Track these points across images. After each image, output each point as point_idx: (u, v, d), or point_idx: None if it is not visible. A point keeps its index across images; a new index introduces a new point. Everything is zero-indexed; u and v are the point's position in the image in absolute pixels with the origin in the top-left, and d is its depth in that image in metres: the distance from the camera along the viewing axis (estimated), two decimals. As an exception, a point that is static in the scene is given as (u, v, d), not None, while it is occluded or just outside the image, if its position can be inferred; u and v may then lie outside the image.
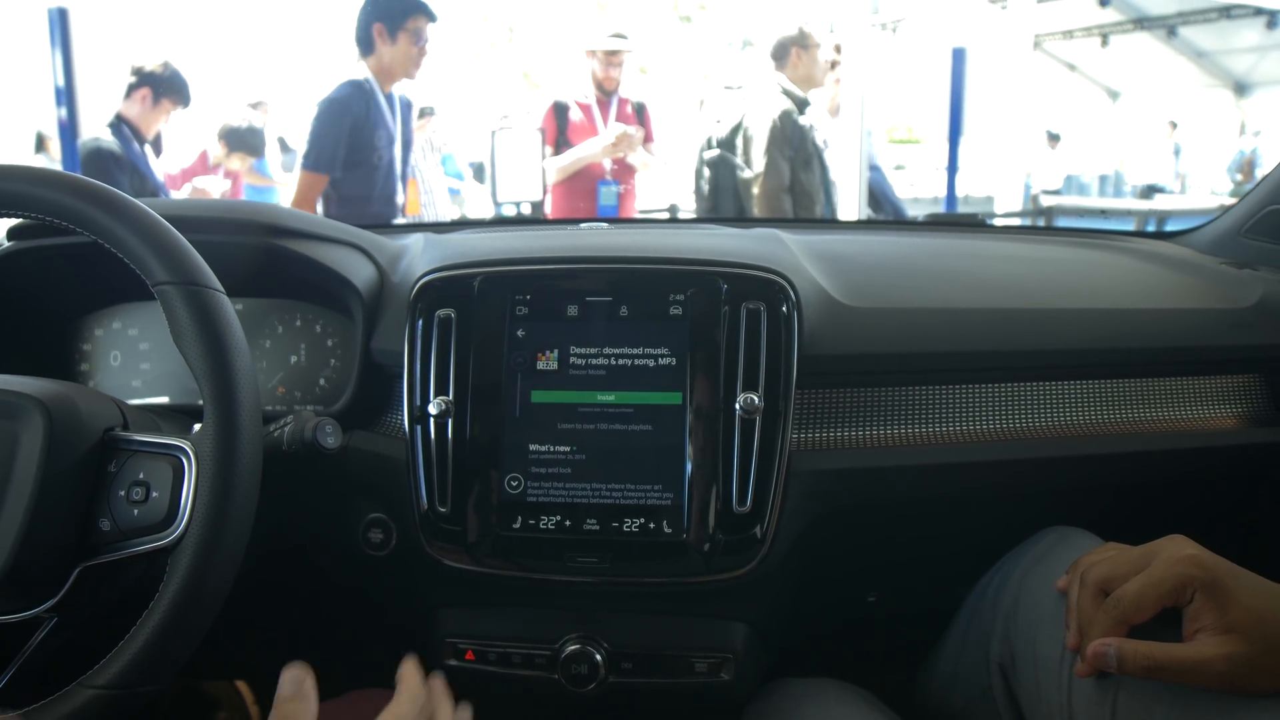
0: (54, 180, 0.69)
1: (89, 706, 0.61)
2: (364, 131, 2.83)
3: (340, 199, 2.89)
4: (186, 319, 0.67)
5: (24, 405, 0.66)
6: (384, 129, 2.89)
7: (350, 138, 2.81)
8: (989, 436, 0.95)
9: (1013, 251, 1.22)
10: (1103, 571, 0.73)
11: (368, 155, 2.86)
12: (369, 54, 2.83)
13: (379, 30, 2.80)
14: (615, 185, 3.31)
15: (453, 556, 0.88)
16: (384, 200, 2.96)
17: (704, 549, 0.85)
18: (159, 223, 0.70)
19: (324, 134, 2.81)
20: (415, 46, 2.84)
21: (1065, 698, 0.74)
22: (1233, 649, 0.64)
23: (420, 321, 0.90)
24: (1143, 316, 1.01)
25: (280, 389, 1.04)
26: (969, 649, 0.91)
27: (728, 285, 0.88)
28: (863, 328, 0.94)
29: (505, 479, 0.88)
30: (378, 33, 2.80)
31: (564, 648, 0.90)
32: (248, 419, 0.67)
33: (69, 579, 0.67)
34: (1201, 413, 1.00)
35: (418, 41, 2.84)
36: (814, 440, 0.92)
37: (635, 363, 0.88)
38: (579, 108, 3.39)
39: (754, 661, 0.93)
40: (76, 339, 1.06)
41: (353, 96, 2.82)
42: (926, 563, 1.10)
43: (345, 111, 2.80)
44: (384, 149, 2.90)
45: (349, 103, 2.81)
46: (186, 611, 0.63)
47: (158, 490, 0.67)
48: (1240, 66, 12.56)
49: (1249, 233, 1.21)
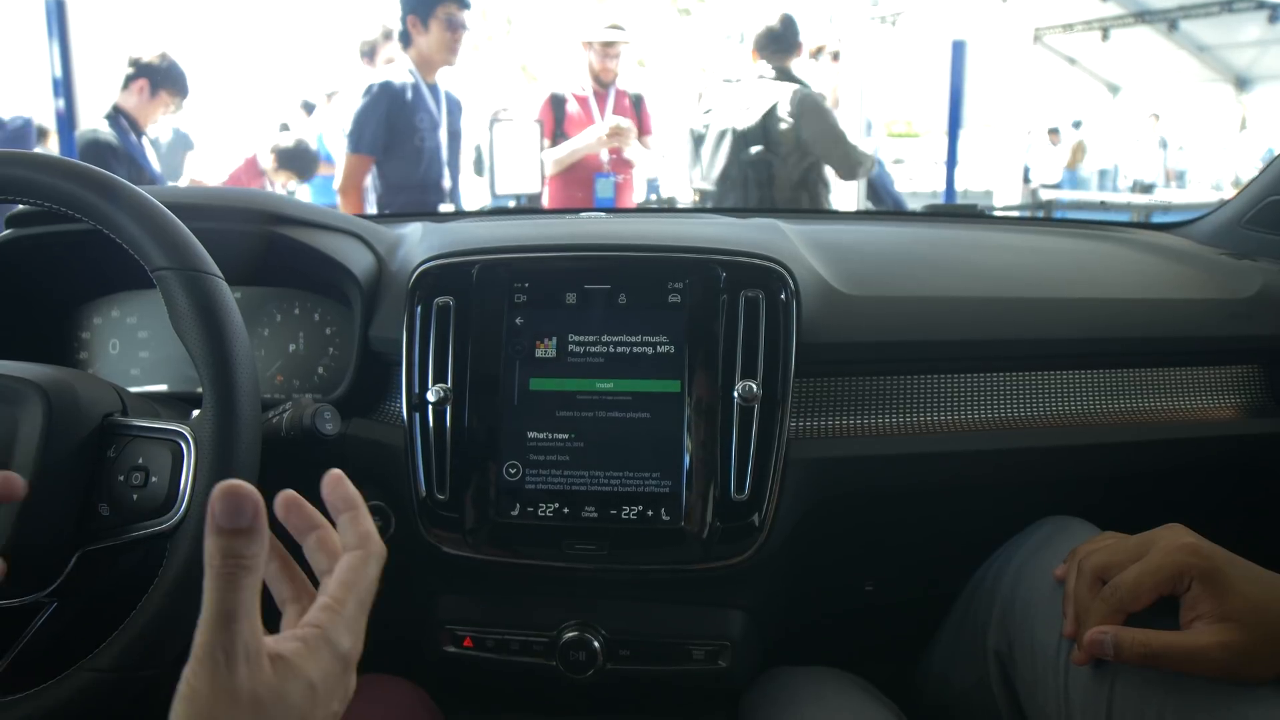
0: (53, 166, 0.69)
1: (90, 689, 0.62)
2: (403, 114, 2.96)
3: (385, 185, 3.03)
4: (185, 304, 0.67)
5: (23, 390, 0.66)
6: (425, 113, 3.00)
7: (389, 120, 2.95)
8: (987, 425, 0.95)
9: (1011, 241, 1.22)
10: (1100, 560, 0.73)
11: (408, 138, 2.98)
12: (408, 46, 2.97)
13: (412, 21, 2.94)
14: (612, 177, 3.30)
15: (451, 544, 0.88)
16: (430, 187, 3.06)
17: (702, 536, 0.85)
18: (158, 208, 0.69)
19: (364, 115, 2.96)
20: (449, 33, 2.95)
21: (1062, 685, 0.75)
22: (1230, 637, 0.64)
23: (419, 309, 0.90)
24: (1141, 307, 1.01)
25: (279, 377, 1.04)
26: (966, 638, 0.92)
27: (726, 273, 0.88)
28: (861, 316, 0.94)
29: (504, 466, 0.88)
30: (411, 24, 2.94)
31: (562, 634, 0.90)
32: (246, 404, 0.67)
33: (69, 564, 0.67)
34: (1200, 403, 1.01)
35: (451, 27, 2.94)
36: (812, 428, 0.92)
37: (634, 350, 0.88)
38: (576, 100, 3.38)
39: (751, 649, 0.93)
40: (76, 327, 1.06)
41: (393, 81, 2.96)
42: (924, 551, 1.10)
43: (384, 93, 2.94)
44: (426, 134, 3.01)
45: (388, 86, 2.95)
46: (186, 595, 0.63)
47: (157, 475, 0.67)
48: (1241, 61, 12.55)
49: (1249, 224, 1.21)
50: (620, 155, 3.34)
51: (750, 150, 3.05)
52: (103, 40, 4.36)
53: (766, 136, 3.04)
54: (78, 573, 0.67)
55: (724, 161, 3.11)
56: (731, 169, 3.11)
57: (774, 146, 3.04)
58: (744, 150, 3.06)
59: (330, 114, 5.22)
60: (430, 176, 3.07)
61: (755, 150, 3.04)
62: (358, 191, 3.04)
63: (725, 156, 3.11)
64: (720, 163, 3.13)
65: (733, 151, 3.09)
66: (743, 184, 3.09)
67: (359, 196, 3.05)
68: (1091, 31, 11.85)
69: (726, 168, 3.11)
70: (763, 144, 3.03)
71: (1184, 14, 11.35)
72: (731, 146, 3.09)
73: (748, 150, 3.06)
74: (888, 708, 0.89)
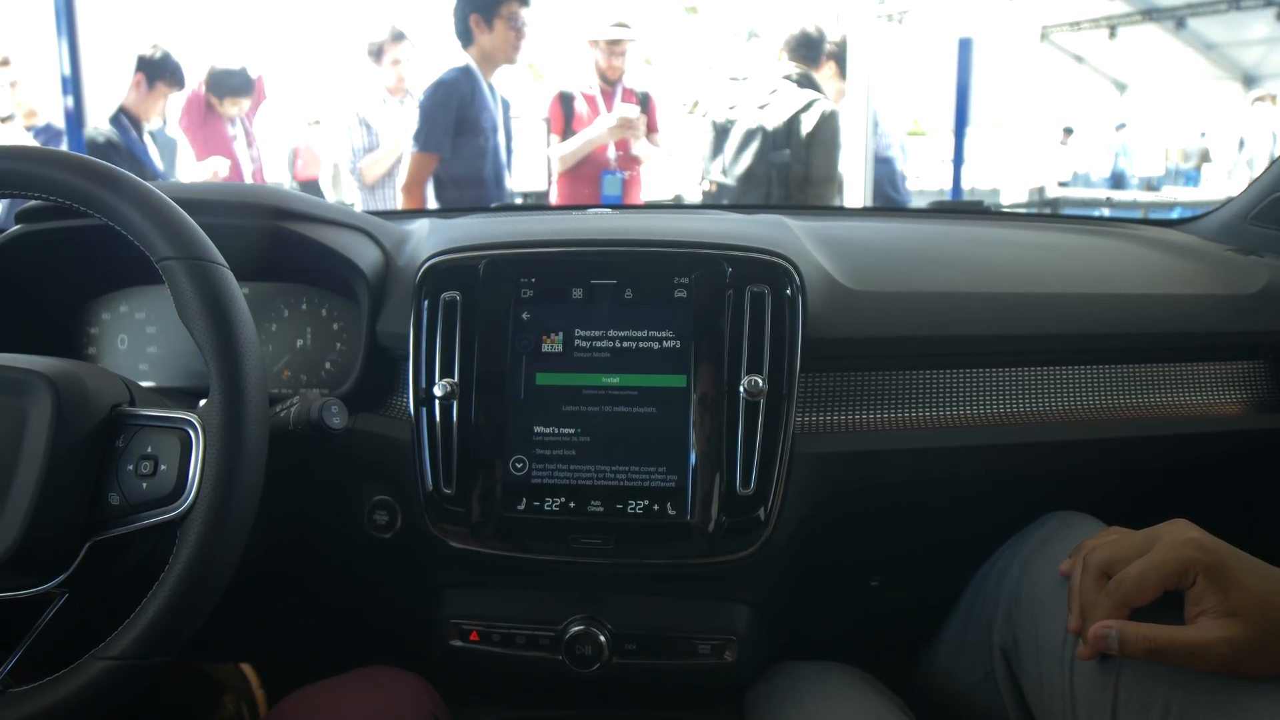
0: (57, 159, 0.69)
1: (103, 677, 0.62)
2: (470, 112, 2.95)
3: (451, 181, 3.00)
4: (191, 293, 0.67)
5: (32, 382, 0.67)
6: (488, 113, 3.00)
7: (458, 118, 2.93)
8: (992, 421, 0.95)
9: (1017, 237, 1.22)
10: (1105, 555, 0.73)
11: (474, 137, 2.97)
12: (469, 44, 2.95)
13: (476, 20, 2.92)
14: (620, 174, 3.31)
15: (457, 538, 0.88)
16: (493, 182, 3.05)
17: (708, 531, 0.86)
18: (162, 199, 0.70)
19: (433, 114, 2.93)
20: (512, 30, 2.94)
21: (1067, 680, 0.75)
22: (1234, 632, 0.64)
23: (425, 304, 0.90)
24: (1147, 302, 1.01)
25: (286, 373, 1.04)
26: (971, 633, 0.92)
27: (732, 268, 0.88)
28: (867, 311, 0.94)
29: (510, 461, 0.88)
30: (475, 23, 2.92)
31: (568, 629, 0.91)
32: (253, 391, 0.68)
33: (79, 554, 0.67)
34: (1205, 398, 1.00)
35: (514, 25, 2.94)
36: (818, 423, 0.92)
37: (640, 345, 0.88)
38: (584, 98, 3.38)
39: (757, 644, 0.93)
40: (84, 323, 1.07)
41: (460, 79, 2.94)
42: (929, 547, 1.10)
43: (453, 92, 2.92)
44: (489, 132, 3.00)
45: (456, 84, 2.93)
46: (196, 582, 0.64)
47: (166, 463, 0.67)
48: (1250, 59, 12.48)
49: (1255, 219, 1.21)
50: (628, 151, 3.34)
51: (778, 151, 3.08)
52: (112, 39, 4.36)
53: (791, 139, 3.07)
54: (89, 563, 0.68)
55: (750, 160, 3.14)
56: (758, 167, 3.13)
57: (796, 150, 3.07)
58: (771, 150, 3.09)
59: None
60: (494, 172, 3.06)
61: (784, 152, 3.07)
62: (421, 189, 3.01)
63: (752, 155, 3.13)
64: (746, 160, 3.14)
65: (760, 150, 3.11)
66: (766, 182, 3.11)
67: (422, 195, 3.01)
68: (1099, 29, 11.79)
69: (752, 166, 3.13)
70: (788, 146, 3.06)
71: (1191, 11, 11.29)
72: (760, 145, 3.11)
73: (775, 150, 3.09)
74: (893, 702, 0.89)
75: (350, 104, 3.57)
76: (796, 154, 3.05)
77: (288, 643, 1.29)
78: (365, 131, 3.51)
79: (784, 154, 3.04)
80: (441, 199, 3.06)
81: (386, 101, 3.57)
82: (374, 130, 3.51)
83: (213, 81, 3.74)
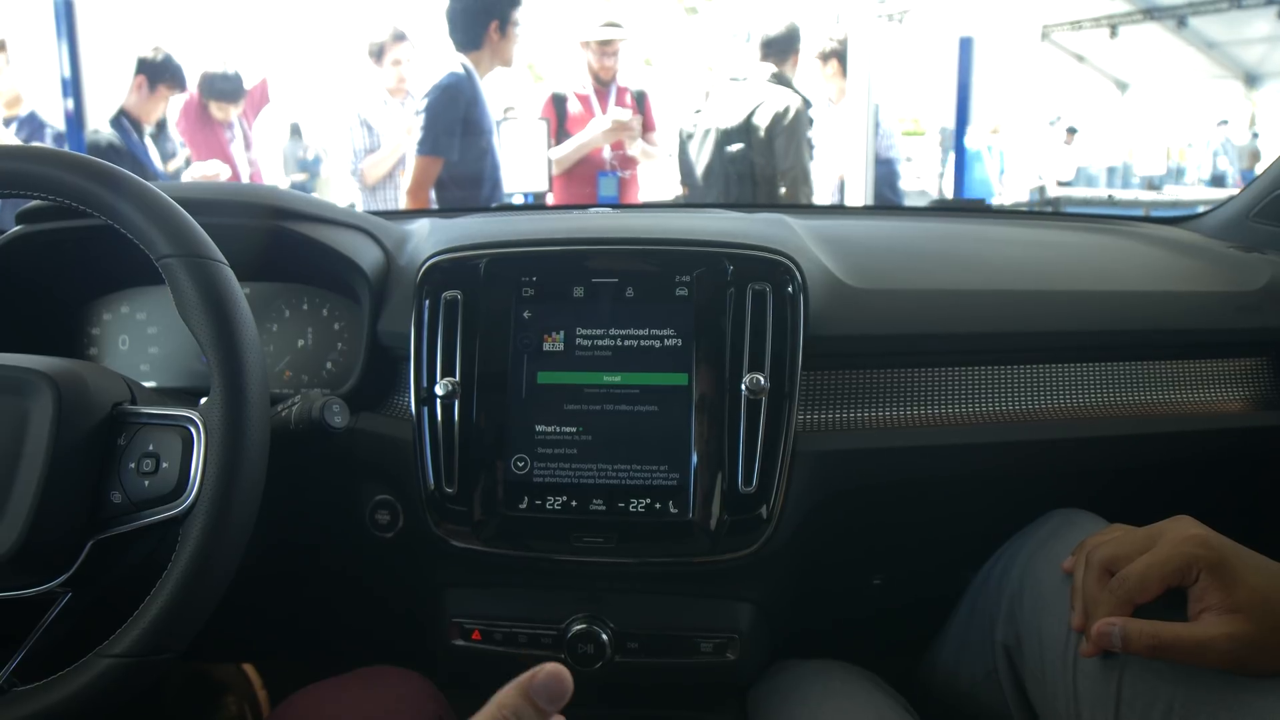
0: (57, 159, 0.69)
1: (107, 675, 0.62)
2: (473, 114, 2.96)
3: (452, 181, 3.00)
4: (191, 291, 0.67)
5: (33, 381, 0.67)
6: (487, 114, 3.02)
7: (462, 120, 2.93)
8: (995, 418, 0.95)
9: (1018, 235, 1.22)
10: (1108, 552, 0.73)
11: (476, 138, 2.98)
12: (474, 48, 2.95)
13: (495, 27, 2.92)
14: (616, 174, 3.31)
15: (459, 537, 0.88)
16: (491, 183, 3.06)
17: (710, 529, 0.86)
18: (161, 198, 0.70)
19: (439, 118, 2.92)
20: (517, 35, 2.99)
21: (1070, 678, 0.75)
22: (1238, 629, 0.64)
23: (426, 303, 0.90)
24: (1149, 299, 1.00)
25: (287, 373, 1.04)
26: (974, 631, 0.92)
27: (733, 266, 0.88)
28: (868, 309, 0.94)
29: (512, 460, 0.88)
30: (494, 29, 2.92)
31: (570, 627, 0.91)
32: (255, 387, 0.68)
33: (82, 553, 0.67)
34: (1208, 395, 1.00)
35: (518, 30, 2.98)
36: (819, 421, 0.92)
37: (641, 344, 0.88)
38: (577, 99, 3.38)
39: (759, 642, 0.93)
40: (85, 323, 1.07)
41: (462, 82, 2.94)
42: (931, 545, 1.10)
43: (458, 95, 2.92)
44: (489, 134, 3.03)
45: (460, 87, 2.93)
46: (199, 579, 0.64)
47: (167, 461, 0.67)
48: (1251, 57, 12.47)
49: (1258, 217, 1.20)
50: (624, 152, 3.34)
51: (730, 147, 3.12)
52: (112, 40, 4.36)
53: (748, 135, 3.10)
54: (91, 561, 0.68)
55: (708, 157, 3.19)
56: (714, 164, 3.17)
57: (754, 145, 3.10)
58: (725, 147, 3.14)
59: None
60: (492, 173, 3.07)
61: (736, 147, 3.11)
62: (427, 193, 2.99)
63: (709, 153, 3.18)
64: (704, 158, 3.20)
65: (716, 148, 3.16)
66: (724, 179, 3.15)
67: (428, 198, 3.00)
68: (1100, 28, 11.79)
69: (710, 163, 3.18)
70: (744, 142, 3.10)
71: (1193, 10, 11.28)
72: (715, 143, 3.16)
73: (728, 147, 3.13)
74: (896, 701, 0.89)
75: (351, 105, 3.57)
76: (756, 148, 3.09)
77: (290, 643, 1.29)
78: (366, 132, 3.51)
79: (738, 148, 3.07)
80: (442, 199, 3.05)
81: (387, 102, 3.57)
82: (375, 131, 3.51)
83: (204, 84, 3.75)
